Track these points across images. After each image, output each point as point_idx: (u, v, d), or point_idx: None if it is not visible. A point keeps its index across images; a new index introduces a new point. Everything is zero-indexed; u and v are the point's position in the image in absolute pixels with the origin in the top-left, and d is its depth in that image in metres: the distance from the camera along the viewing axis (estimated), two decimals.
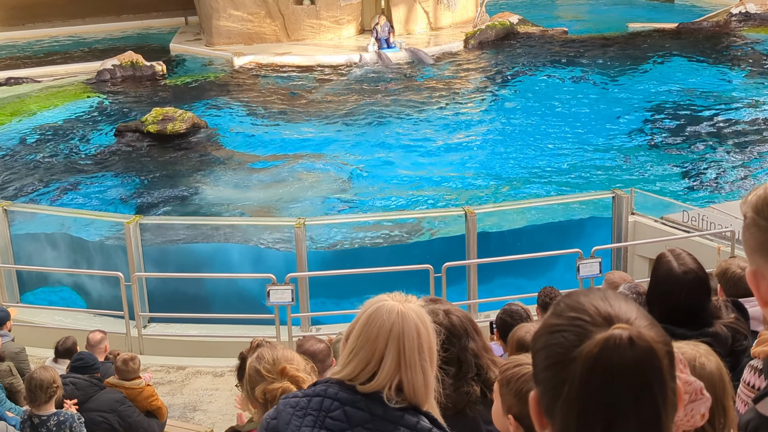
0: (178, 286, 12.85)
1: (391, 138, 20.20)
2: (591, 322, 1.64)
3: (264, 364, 3.81)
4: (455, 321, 3.40)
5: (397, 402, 2.67)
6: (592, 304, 1.67)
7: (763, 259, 1.90)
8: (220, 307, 12.64)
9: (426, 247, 14.38)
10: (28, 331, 11.41)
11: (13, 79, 25.16)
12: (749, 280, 1.95)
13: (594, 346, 1.60)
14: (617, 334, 1.61)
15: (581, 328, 1.64)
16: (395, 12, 28.06)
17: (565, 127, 20.59)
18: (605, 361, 1.59)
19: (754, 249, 1.92)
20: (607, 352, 1.60)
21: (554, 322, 1.69)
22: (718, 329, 3.95)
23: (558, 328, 1.67)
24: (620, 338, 1.60)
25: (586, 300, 1.68)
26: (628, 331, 1.61)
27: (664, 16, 31.61)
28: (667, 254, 4.23)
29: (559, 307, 1.71)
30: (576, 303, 1.69)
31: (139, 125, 20.21)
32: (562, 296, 1.78)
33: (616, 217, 12.79)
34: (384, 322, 2.68)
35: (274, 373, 3.78)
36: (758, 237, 1.91)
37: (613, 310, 1.65)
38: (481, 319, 11.25)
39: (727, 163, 18.05)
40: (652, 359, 1.61)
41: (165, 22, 31.44)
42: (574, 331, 1.64)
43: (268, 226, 14.79)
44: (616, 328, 1.62)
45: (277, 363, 3.81)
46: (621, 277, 6.18)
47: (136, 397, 8.28)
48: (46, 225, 14.40)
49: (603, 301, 1.68)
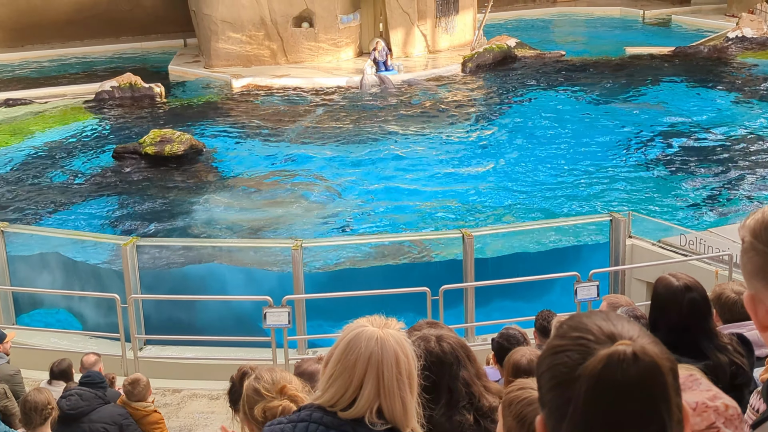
0: (174, 308, 12.81)
1: (389, 160, 20.22)
2: (594, 340, 1.64)
3: (263, 384, 3.80)
4: (446, 348, 3.36)
5: (382, 424, 2.67)
6: (595, 324, 1.67)
7: (761, 283, 1.89)
8: (216, 329, 12.58)
9: (423, 269, 14.36)
10: (23, 353, 11.35)
11: (11, 100, 25.20)
12: (747, 304, 1.94)
13: (598, 362, 1.60)
14: (621, 350, 1.60)
15: (585, 347, 1.63)
16: (393, 35, 28.18)
17: (562, 150, 20.63)
18: (609, 376, 1.59)
19: (752, 273, 1.91)
20: (611, 368, 1.59)
21: (558, 343, 1.68)
22: (722, 361, 3.94)
23: (561, 348, 1.67)
24: (624, 354, 1.60)
25: (589, 320, 1.68)
26: (632, 346, 1.61)
27: (660, 40, 31.75)
28: (666, 275, 4.26)
29: (562, 329, 1.71)
30: (579, 323, 1.69)
31: (137, 147, 20.22)
32: (564, 319, 1.78)
33: (613, 240, 12.77)
34: (362, 350, 2.68)
35: (273, 392, 3.76)
36: (756, 261, 1.90)
37: (616, 329, 1.65)
38: (478, 343, 11.22)
39: (725, 186, 18.06)
40: (656, 374, 1.61)
41: (164, 44, 31.55)
42: (577, 350, 1.64)
43: (265, 247, 14.76)
44: (620, 344, 1.62)
45: (276, 382, 3.79)
46: (626, 301, 6.17)
47: (140, 419, 8.23)
48: (43, 246, 14.36)
49: (605, 321, 1.68)
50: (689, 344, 3.98)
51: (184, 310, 12.83)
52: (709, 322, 4.10)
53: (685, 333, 4.00)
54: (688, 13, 35.52)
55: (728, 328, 4.56)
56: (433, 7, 28.89)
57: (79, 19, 31.25)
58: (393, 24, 28.29)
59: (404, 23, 28.48)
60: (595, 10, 37.47)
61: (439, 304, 11.21)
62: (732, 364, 3.98)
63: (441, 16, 29.15)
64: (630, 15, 36.39)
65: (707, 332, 4.05)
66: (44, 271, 13.48)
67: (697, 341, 4.00)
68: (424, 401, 2.86)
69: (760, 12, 31.00)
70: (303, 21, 27.74)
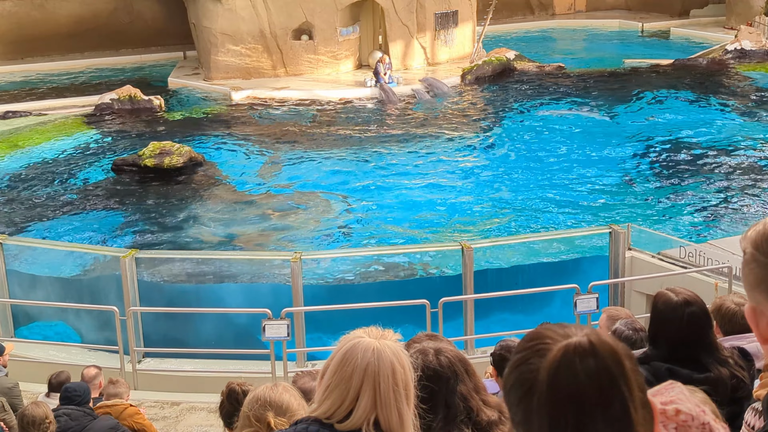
0: (173, 320, 12.78)
1: (389, 172, 20.23)
2: (552, 342, 1.67)
3: (253, 412, 3.81)
4: (444, 362, 3.33)
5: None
6: (549, 330, 1.70)
7: (762, 295, 1.88)
8: (215, 341, 12.55)
9: (423, 281, 14.34)
10: (21, 366, 11.32)
11: (11, 113, 25.22)
12: (748, 316, 1.94)
13: (557, 352, 1.63)
14: (576, 340, 1.64)
15: (544, 350, 1.66)
16: (393, 47, 28.23)
17: (561, 162, 20.64)
18: (568, 363, 1.62)
19: (753, 285, 1.90)
20: (569, 357, 1.62)
21: (518, 357, 1.71)
22: (723, 374, 3.93)
23: (521, 360, 1.69)
24: (580, 343, 1.64)
25: (543, 329, 1.72)
26: (588, 336, 1.65)
27: (659, 52, 31.82)
28: (665, 290, 4.25)
29: (520, 344, 1.74)
30: (534, 333, 1.72)
31: (136, 159, 20.22)
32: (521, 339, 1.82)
33: (613, 252, 12.76)
34: (359, 361, 2.66)
35: (262, 423, 3.76)
36: (757, 273, 1.89)
37: (571, 330, 1.69)
38: (477, 355, 11.20)
39: (725, 198, 18.06)
40: (614, 356, 1.64)
41: (163, 57, 31.60)
42: (537, 354, 1.66)
43: (264, 260, 14.75)
44: (575, 336, 1.66)
45: (261, 418, 3.80)
46: (625, 313, 6.14)
47: (119, 416, 8.18)
48: (42, 259, 14.35)
49: (560, 327, 1.71)
50: (690, 358, 3.97)
51: (183, 323, 12.80)
52: (710, 336, 4.09)
53: (685, 347, 3.99)
54: (687, 25, 35.60)
55: (729, 340, 4.55)
56: (433, 19, 28.96)
57: (79, 31, 31.31)
58: (392, 37, 28.35)
59: (403, 36, 28.54)
60: (594, 23, 37.56)
61: (439, 316, 11.18)
62: (733, 377, 3.97)
63: (440, 28, 29.21)
64: (629, 27, 36.47)
65: (708, 346, 4.04)
66: (43, 283, 13.46)
67: (697, 355, 3.98)
68: (421, 413, 2.84)
69: (758, 24, 31.06)
70: (302, 33, 27.80)
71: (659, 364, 3.95)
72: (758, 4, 32.74)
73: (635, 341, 5.29)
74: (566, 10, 39.21)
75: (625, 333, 5.44)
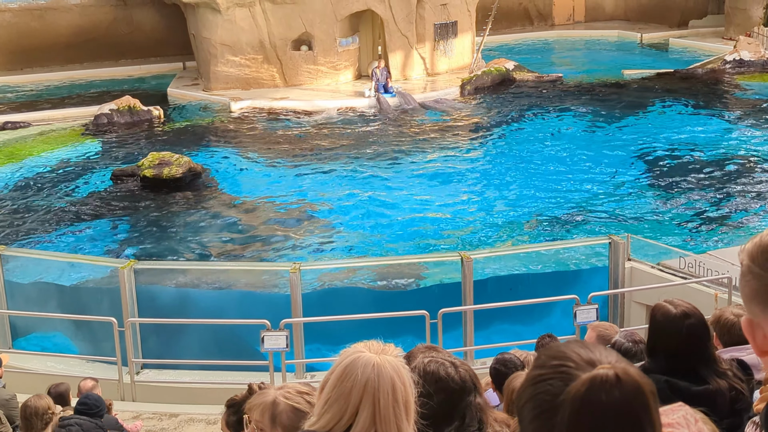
0: (171, 330, 12.75)
1: (388, 182, 20.23)
2: (575, 367, 1.65)
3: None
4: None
5: None
6: (573, 351, 1.69)
7: (759, 307, 1.88)
8: (214, 351, 12.51)
9: (422, 292, 14.32)
10: (19, 377, 11.28)
11: (10, 123, 25.22)
12: (745, 329, 1.94)
13: (581, 386, 1.61)
14: (603, 372, 1.62)
15: (566, 374, 1.65)
16: (392, 58, 28.26)
17: (560, 172, 20.64)
18: (594, 399, 1.60)
19: (750, 297, 1.91)
20: (595, 390, 1.60)
21: (538, 373, 1.69)
22: (721, 386, 3.91)
23: (543, 377, 1.67)
24: (606, 376, 1.62)
25: (567, 348, 1.70)
26: (614, 369, 1.63)
27: (658, 62, 31.87)
28: (663, 302, 4.23)
29: (541, 359, 1.72)
30: (558, 352, 1.70)
31: (135, 170, 20.22)
32: (541, 350, 1.80)
33: (612, 263, 12.74)
34: (358, 376, 2.64)
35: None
36: (753, 285, 1.89)
37: (595, 356, 1.67)
38: (477, 366, 11.15)
39: (724, 209, 18.06)
40: (639, 395, 1.62)
41: (163, 67, 31.61)
42: (559, 377, 1.65)
43: (263, 270, 14.73)
44: (601, 368, 1.64)
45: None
46: (615, 330, 6.09)
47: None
48: (41, 269, 14.33)
49: (584, 348, 1.70)
50: (688, 370, 3.95)
51: (181, 332, 12.77)
52: (708, 348, 4.08)
53: (684, 359, 3.98)
54: (686, 36, 35.66)
55: (728, 352, 4.53)
56: (432, 30, 29.01)
57: (78, 42, 31.34)
58: (392, 47, 28.39)
59: (403, 46, 28.58)
60: (593, 33, 37.63)
61: (438, 327, 11.16)
62: (732, 390, 3.95)
63: (439, 39, 29.26)
64: (628, 38, 36.52)
65: (706, 358, 4.02)
66: (41, 293, 13.43)
67: (696, 367, 3.97)
68: (429, 427, 2.83)
69: (757, 35, 31.13)
70: (302, 44, 27.83)
71: (658, 377, 3.93)
72: (757, 14, 32.82)
73: (635, 353, 5.27)
74: (565, 20, 39.29)
75: (624, 345, 5.41)
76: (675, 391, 3.88)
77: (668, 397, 3.87)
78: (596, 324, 6.63)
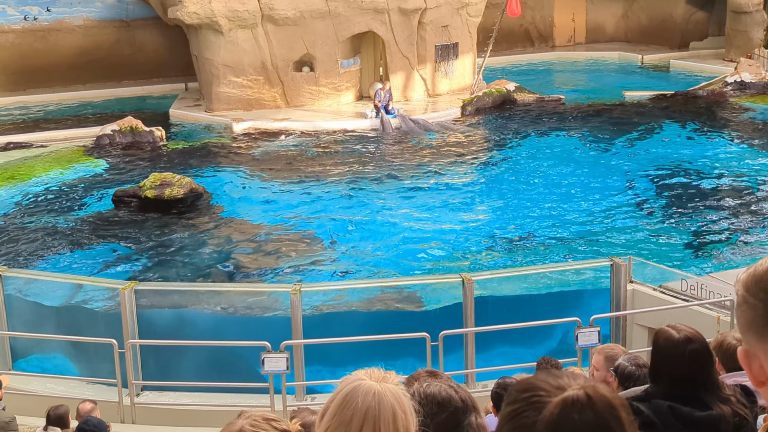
0: (171, 352, 12.71)
1: (389, 204, 20.23)
2: (546, 394, 1.67)
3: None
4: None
5: None
6: (542, 381, 1.71)
7: (754, 337, 1.88)
8: (214, 374, 12.47)
9: (423, 314, 14.28)
10: (19, 399, 11.25)
11: (12, 144, 25.27)
12: (741, 359, 1.94)
13: (554, 408, 1.64)
14: (573, 393, 1.65)
15: (538, 402, 1.67)
16: (393, 79, 28.34)
17: (561, 194, 20.63)
18: (567, 420, 1.62)
19: (745, 327, 1.91)
20: (567, 411, 1.63)
21: (512, 409, 1.71)
22: (725, 412, 3.89)
23: (516, 411, 1.69)
24: (577, 396, 1.64)
25: (535, 379, 1.73)
26: (583, 389, 1.66)
27: (660, 84, 31.95)
28: (666, 327, 4.22)
29: (512, 396, 1.74)
30: (526, 385, 1.73)
31: (136, 190, 20.22)
32: (510, 387, 1.82)
33: (614, 285, 12.70)
34: (359, 404, 2.62)
35: None
36: (748, 315, 1.89)
37: (564, 381, 1.70)
38: (478, 389, 11.12)
39: (726, 231, 18.03)
40: (611, 409, 1.65)
41: (165, 88, 31.72)
42: (532, 407, 1.67)
43: (263, 292, 14.70)
44: (571, 390, 1.67)
45: None
46: (621, 350, 6.09)
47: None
48: (42, 291, 14.30)
49: (551, 376, 1.72)
50: (691, 396, 3.93)
51: (181, 355, 12.72)
52: (712, 374, 4.06)
53: (687, 385, 3.96)
54: (687, 57, 35.76)
55: (731, 377, 4.51)
56: (433, 51, 29.10)
57: (80, 63, 31.47)
58: (393, 68, 28.49)
59: (404, 67, 28.67)
60: (593, 55, 37.75)
61: (439, 349, 11.12)
62: (735, 416, 3.94)
63: (441, 60, 29.35)
64: (629, 60, 36.64)
65: (709, 384, 4.00)
66: (42, 315, 13.40)
67: (699, 393, 3.95)
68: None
69: (758, 57, 31.23)
70: (303, 65, 27.93)
71: (661, 402, 3.91)
72: (758, 36, 32.93)
73: (638, 377, 5.24)
74: (566, 42, 39.44)
75: (628, 369, 5.39)
76: (678, 416, 3.87)
77: (672, 424, 3.85)
78: (601, 347, 6.63)
